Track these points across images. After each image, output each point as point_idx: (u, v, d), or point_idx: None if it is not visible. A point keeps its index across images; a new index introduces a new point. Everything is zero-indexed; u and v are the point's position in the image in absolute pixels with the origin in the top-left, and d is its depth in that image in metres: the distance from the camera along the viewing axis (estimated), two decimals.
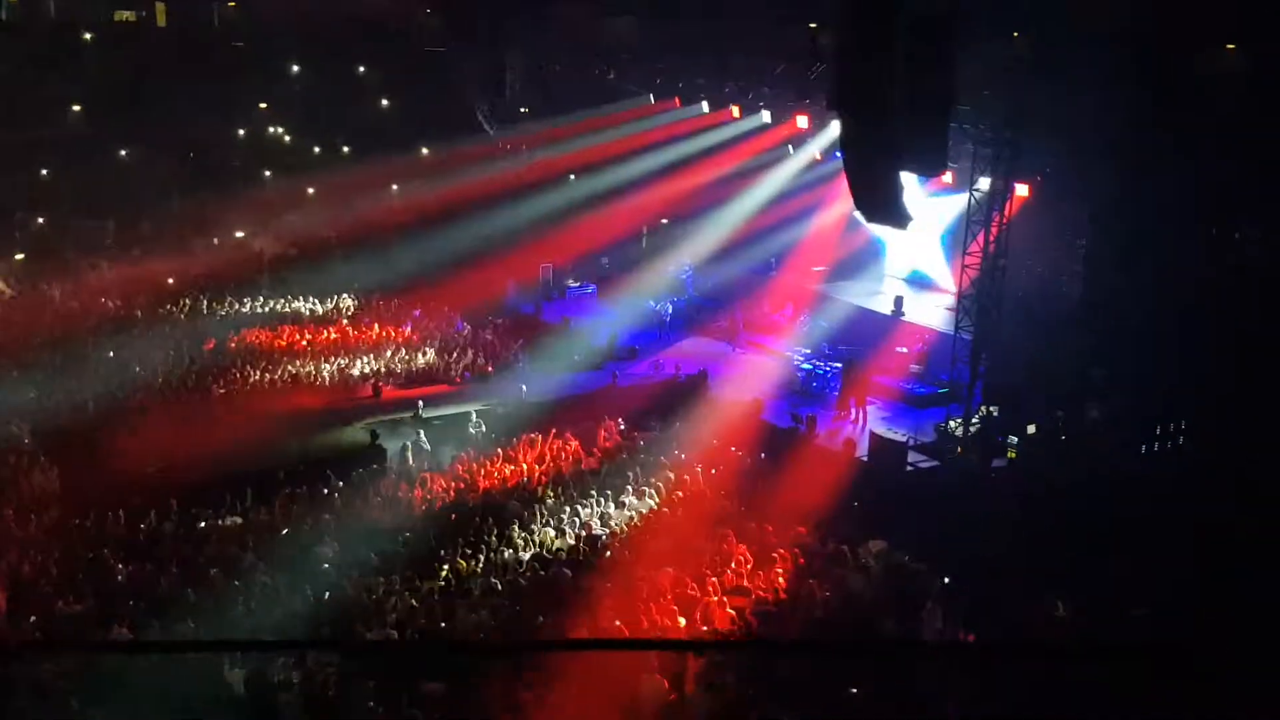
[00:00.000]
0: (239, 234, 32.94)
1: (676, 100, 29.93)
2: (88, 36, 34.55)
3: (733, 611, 15.22)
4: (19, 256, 30.65)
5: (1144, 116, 18.71)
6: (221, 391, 23.18)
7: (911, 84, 17.57)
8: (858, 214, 20.61)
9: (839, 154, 24.30)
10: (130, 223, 32.27)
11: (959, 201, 22.88)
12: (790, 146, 28.45)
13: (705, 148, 29.56)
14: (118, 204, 32.46)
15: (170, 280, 29.97)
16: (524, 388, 23.52)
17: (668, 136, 30.27)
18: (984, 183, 20.82)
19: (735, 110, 28.48)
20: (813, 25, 27.06)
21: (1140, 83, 18.49)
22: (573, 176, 31.97)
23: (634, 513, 18.30)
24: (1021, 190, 21.25)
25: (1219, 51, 19.91)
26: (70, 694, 12.29)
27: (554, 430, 21.22)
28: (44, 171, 32.51)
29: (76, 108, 33.26)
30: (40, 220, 32.00)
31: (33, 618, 14.71)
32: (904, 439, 20.97)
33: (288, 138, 35.60)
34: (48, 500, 18.34)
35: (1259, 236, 19.07)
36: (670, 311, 28.78)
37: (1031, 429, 20.68)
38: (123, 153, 33.30)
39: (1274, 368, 18.21)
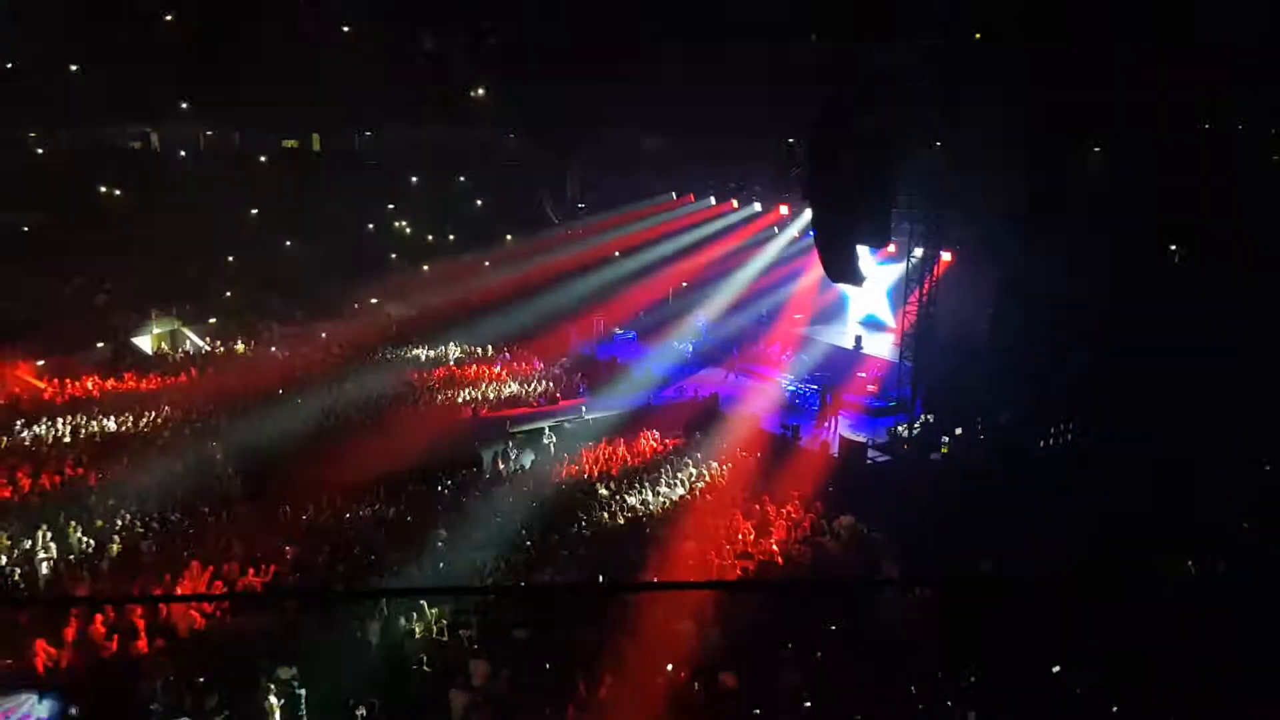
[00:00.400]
0: (373, 301, 33.50)
1: (691, 196, 30.33)
2: (262, 159, 35.35)
3: (740, 571, 15.34)
4: (212, 321, 31.20)
5: (1034, 199, 18.86)
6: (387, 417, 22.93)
7: (861, 182, 18.00)
8: (826, 276, 20.91)
9: (811, 233, 24.83)
10: (293, 295, 32.81)
11: (899, 266, 23.08)
12: (776, 228, 28.73)
13: (714, 231, 29.92)
14: (284, 281, 32.99)
15: (323, 334, 30.61)
16: (584, 409, 23.81)
17: (687, 224, 30.64)
18: (918, 251, 21.05)
19: (734, 202, 28.85)
20: (790, 140, 27.39)
21: (1030, 175, 18.65)
22: (617, 254, 32.26)
23: (667, 499, 18.39)
24: (946, 256, 21.44)
25: (1088, 151, 20.01)
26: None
27: (606, 440, 21.43)
28: (230, 258, 33.09)
29: (254, 211, 33.98)
30: (228, 294, 32.49)
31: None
32: (865, 441, 21.06)
33: (409, 230, 36.19)
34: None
35: (1111, 289, 19.10)
36: (691, 351, 29.00)
37: (958, 431, 20.77)
38: (288, 244, 33.95)
39: (1131, 381, 18.22)
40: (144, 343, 29.47)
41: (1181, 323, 17.68)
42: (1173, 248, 19.38)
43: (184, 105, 33.41)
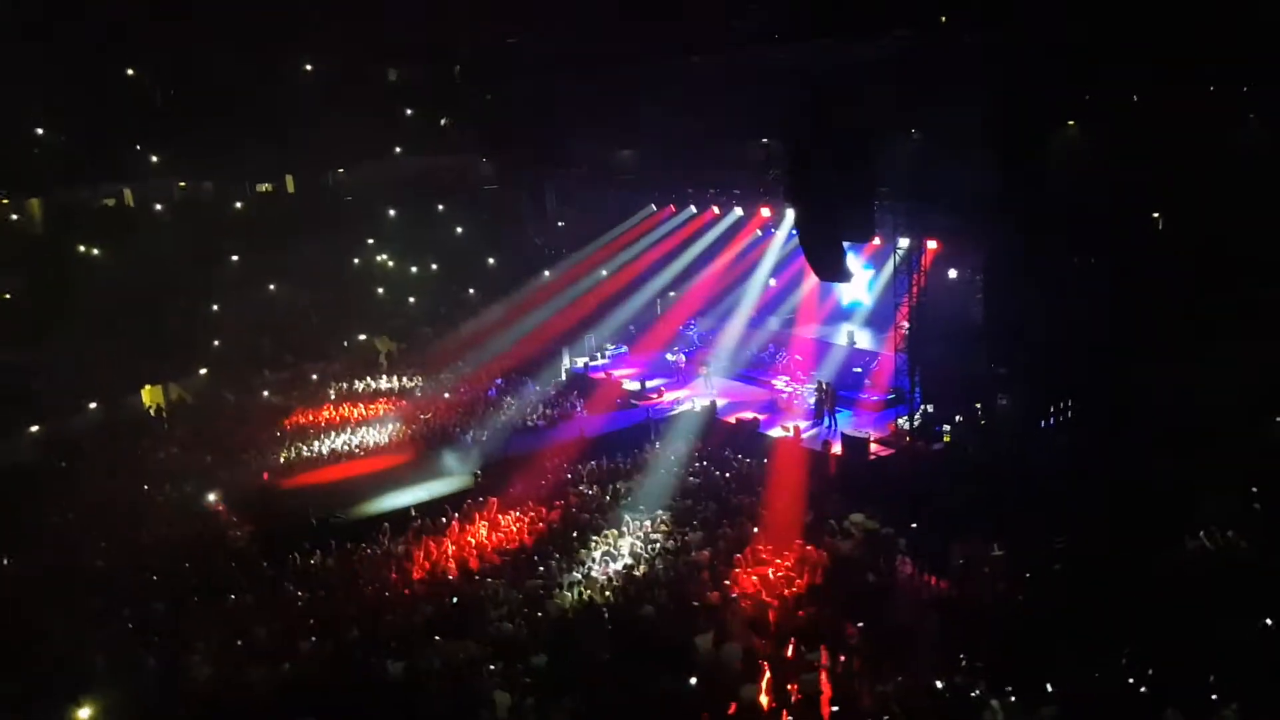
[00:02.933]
0: (361, 337, 33.34)
1: (671, 208, 30.28)
2: (238, 205, 35.19)
3: (755, 579, 15.26)
4: (203, 371, 30.92)
5: (1012, 183, 18.94)
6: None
7: (842, 178, 18.06)
8: (814, 274, 20.85)
9: (794, 234, 24.82)
10: (280, 337, 32.60)
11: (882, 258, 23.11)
12: (760, 230, 28.63)
13: (698, 238, 29.90)
14: (269, 324, 32.79)
15: (315, 377, 30.49)
16: (583, 431, 23.63)
17: (670, 234, 30.59)
18: (904, 242, 21.03)
19: (715, 209, 28.80)
20: (765, 140, 27.43)
21: (1005, 158, 18.73)
22: (604, 272, 32.21)
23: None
24: (932, 244, 21.45)
25: (1065, 129, 20.06)
26: None
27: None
28: (215, 306, 32.85)
29: (235, 257, 33.80)
30: (215, 342, 32.19)
31: None
32: (866, 436, 21.02)
33: (390, 263, 36.04)
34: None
35: (1105, 268, 19.15)
36: (684, 360, 28.90)
37: (959, 419, 20.77)
38: (270, 286, 33.76)
39: (1125, 363, 18.27)
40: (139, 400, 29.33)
41: (1170, 295, 17.73)
42: (1155, 215, 19.43)
43: (154, 159, 33.28)
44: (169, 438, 26.09)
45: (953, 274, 22.26)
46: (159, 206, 33.94)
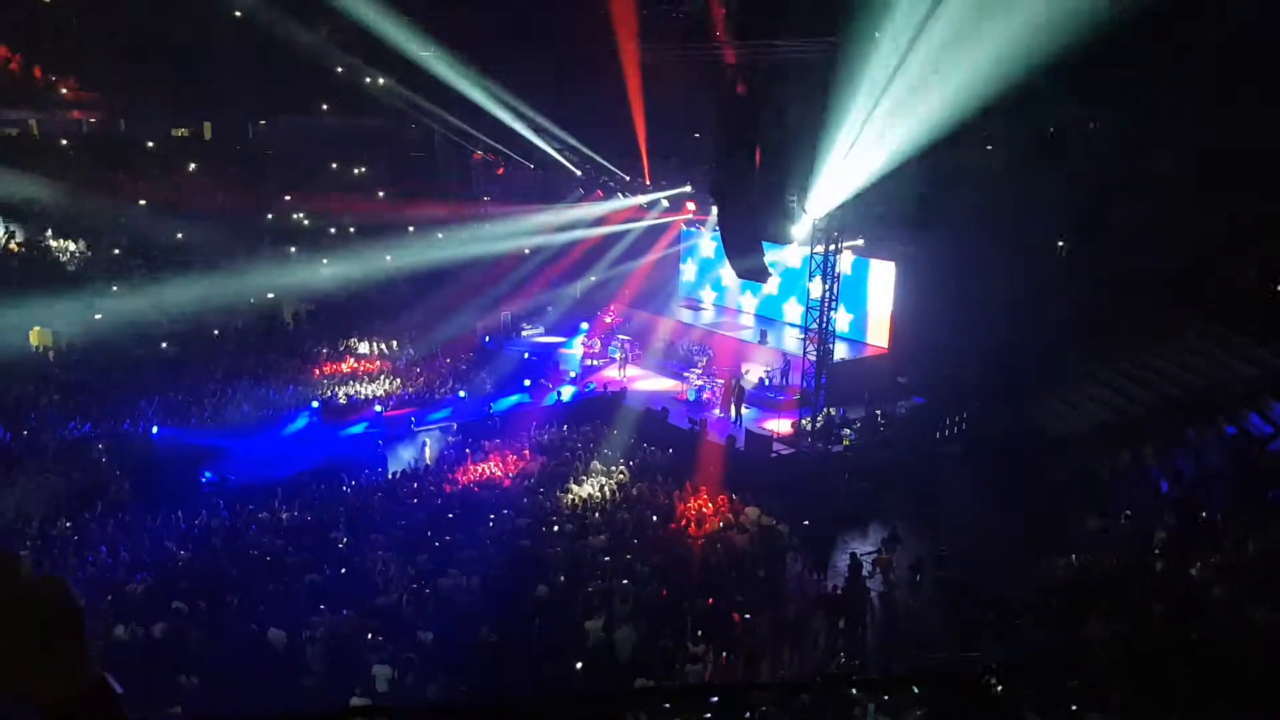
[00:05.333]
0: (269, 295, 32.02)
1: (599, 193, 30.02)
2: (150, 145, 33.47)
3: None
4: (98, 316, 29.28)
5: (926, 195, 19.30)
6: None
7: (766, 182, 18.07)
8: (732, 271, 20.89)
9: (717, 231, 24.88)
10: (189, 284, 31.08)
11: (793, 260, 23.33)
12: (684, 225, 28.62)
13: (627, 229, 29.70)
14: (178, 270, 31.25)
15: (216, 332, 29.13)
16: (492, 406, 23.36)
17: (594, 220, 30.32)
18: (819, 248, 21.21)
19: (642, 200, 28.67)
20: (695, 134, 27.35)
21: (920, 172, 19.08)
22: (527, 250, 31.70)
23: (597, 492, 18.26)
24: (847, 252, 21.71)
25: (978, 149, 20.60)
26: None
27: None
28: (115, 250, 31.15)
29: (142, 202, 32.07)
30: (115, 287, 30.50)
31: None
32: (770, 434, 21.20)
33: (306, 221, 34.74)
34: None
35: (1010, 287, 19.78)
36: (598, 346, 28.71)
37: (857, 424, 21.10)
38: (179, 235, 32.16)
39: (1019, 371, 18.84)
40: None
41: (1070, 311, 18.31)
42: (1060, 243, 20.07)
43: (64, 91, 31.37)
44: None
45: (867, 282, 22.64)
46: (64, 140, 32.01)
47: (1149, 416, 17.47)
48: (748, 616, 13.12)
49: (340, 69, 33.16)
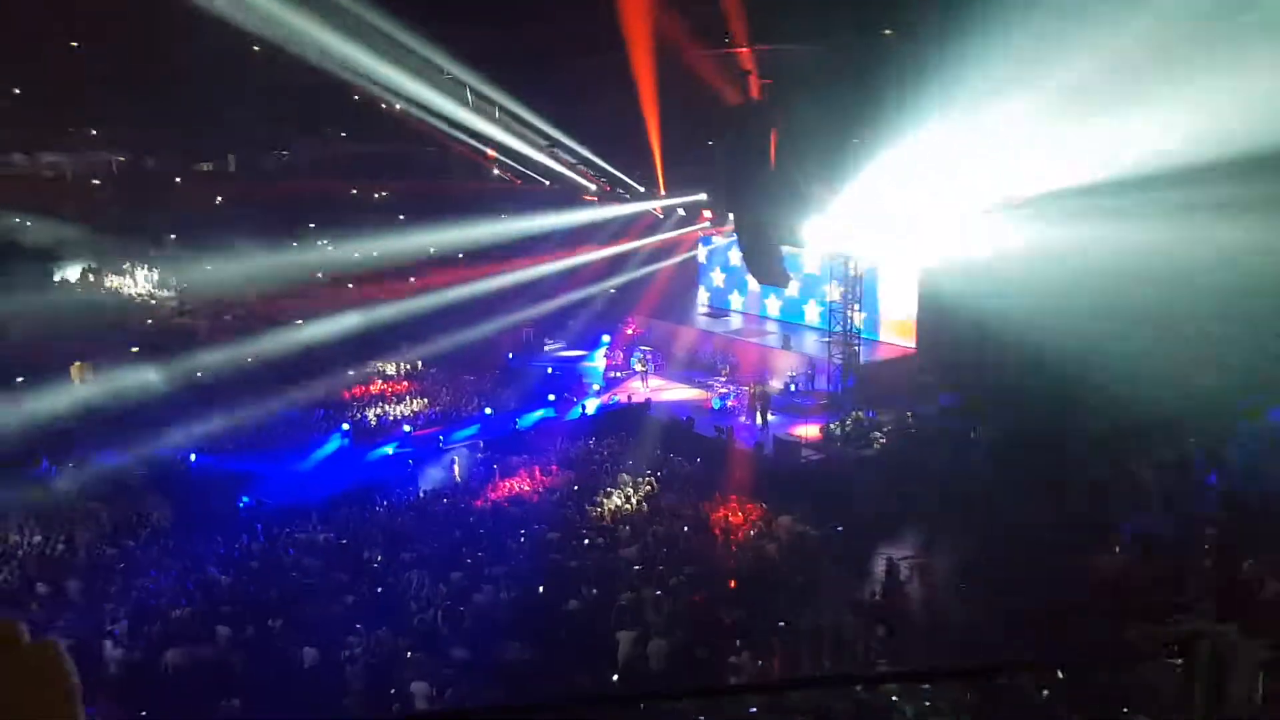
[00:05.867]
0: (299, 323, 32.28)
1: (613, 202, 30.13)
2: (177, 180, 34.04)
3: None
4: (135, 349, 29.65)
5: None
6: None
7: (784, 186, 17.98)
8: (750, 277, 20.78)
9: (735, 236, 24.82)
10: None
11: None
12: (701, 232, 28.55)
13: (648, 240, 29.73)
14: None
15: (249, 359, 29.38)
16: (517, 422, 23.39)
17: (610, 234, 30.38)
18: (845, 248, 21.06)
19: (658, 208, 28.74)
20: (709, 141, 27.30)
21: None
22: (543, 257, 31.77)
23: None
24: (867, 251, 21.57)
25: None
26: None
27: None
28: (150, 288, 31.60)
29: (173, 236, 32.39)
30: (149, 320, 30.88)
31: None
32: (799, 440, 21.02)
33: (331, 248, 35.00)
34: None
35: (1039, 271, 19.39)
36: (620, 358, 28.71)
37: (889, 426, 20.91)
38: (207, 267, 32.58)
39: (1049, 380, 18.53)
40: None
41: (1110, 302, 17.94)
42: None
43: (93, 132, 32.07)
44: None
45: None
46: (96, 180, 32.66)
47: (1195, 407, 17.04)
48: (783, 625, 13.01)
49: (357, 96, 33.56)
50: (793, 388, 24.35)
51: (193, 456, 21.22)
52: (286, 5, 24.33)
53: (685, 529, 16.69)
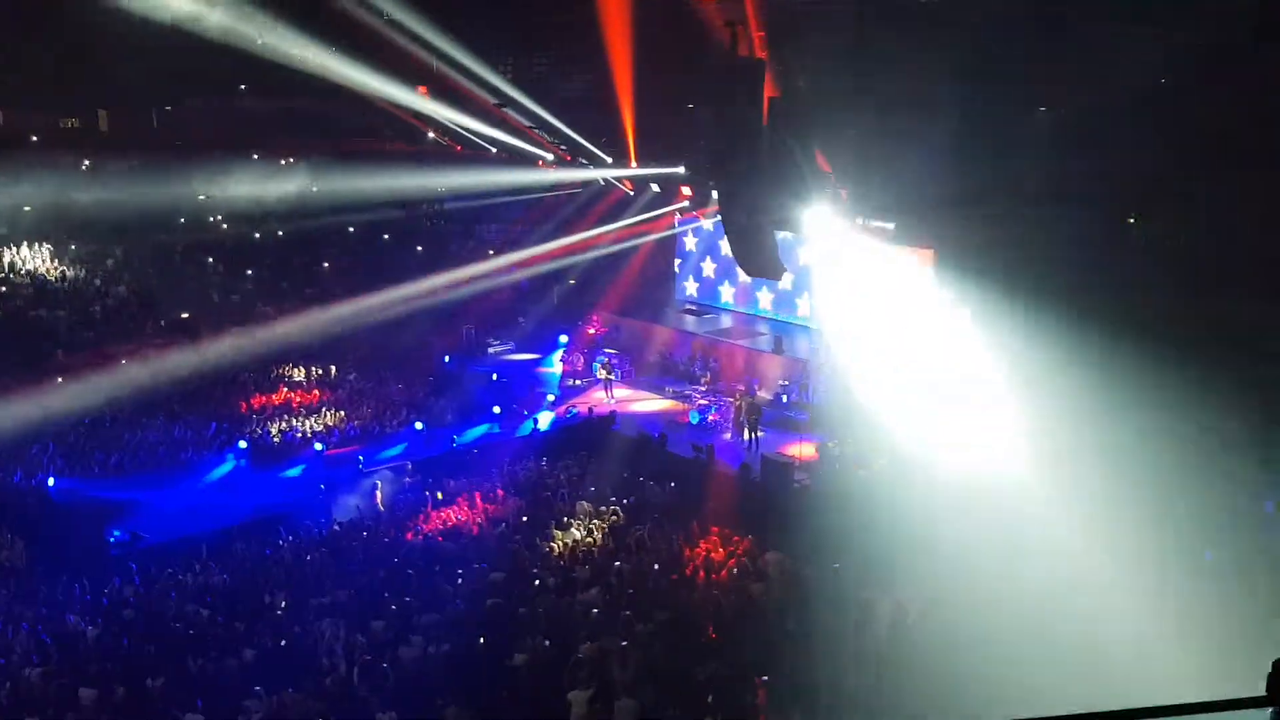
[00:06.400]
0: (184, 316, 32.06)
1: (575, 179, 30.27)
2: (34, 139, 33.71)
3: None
4: None
5: (965, 169, 19.43)
6: None
7: (777, 160, 18.15)
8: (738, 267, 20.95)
9: (719, 220, 25.01)
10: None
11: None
12: (678, 214, 28.83)
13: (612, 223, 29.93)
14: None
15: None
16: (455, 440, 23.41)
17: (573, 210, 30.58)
18: (841, 234, 21.25)
19: (627, 185, 28.89)
20: (690, 106, 27.52)
21: (958, 146, 19.22)
22: (490, 252, 31.89)
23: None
24: (874, 239, 21.83)
25: (1033, 114, 20.76)
26: None
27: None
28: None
29: (27, 209, 32.13)
30: None
31: None
32: (790, 459, 21.23)
33: (225, 225, 34.79)
34: None
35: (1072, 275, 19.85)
36: (581, 363, 28.81)
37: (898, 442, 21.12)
38: (73, 246, 32.26)
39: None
40: None
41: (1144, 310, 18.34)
42: (1130, 220, 20.15)
43: None
44: None
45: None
46: None
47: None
48: (766, 679, 13.16)
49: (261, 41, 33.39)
50: (785, 398, 24.59)
51: (51, 481, 20.90)
52: None
53: (656, 567, 16.80)
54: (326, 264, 34.58)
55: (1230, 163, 18.43)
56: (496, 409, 25.27)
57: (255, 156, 35.55)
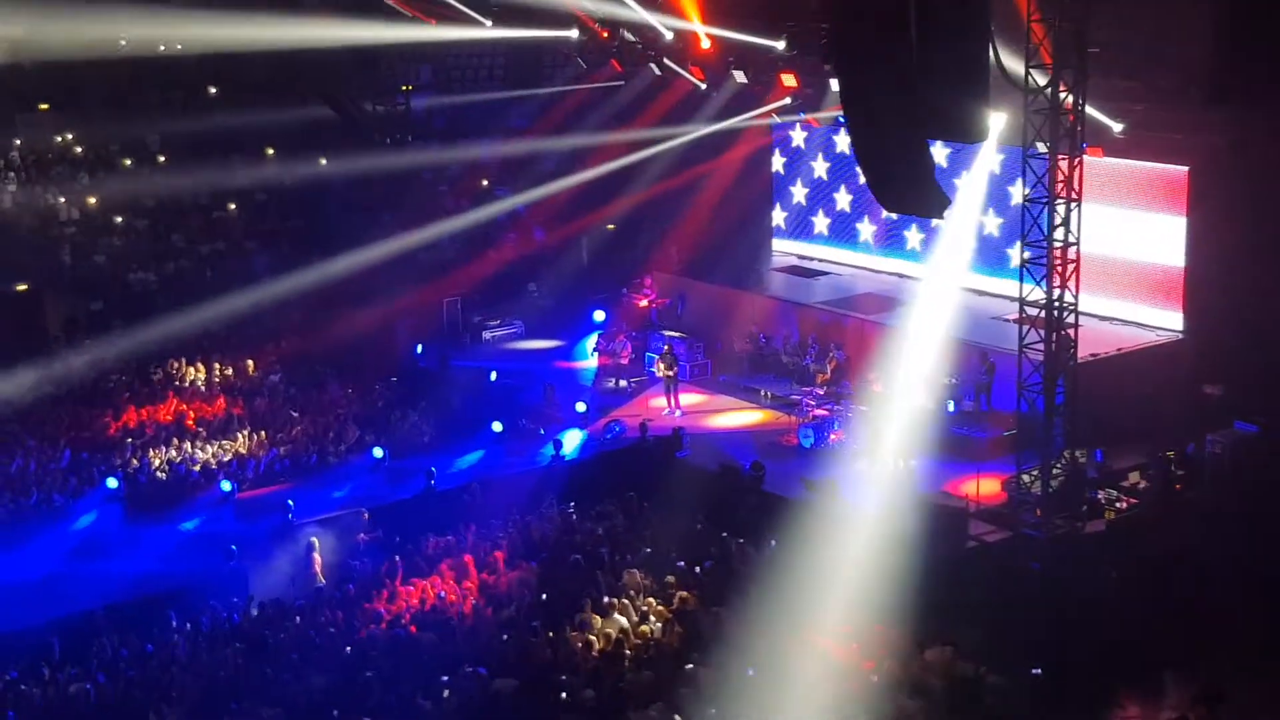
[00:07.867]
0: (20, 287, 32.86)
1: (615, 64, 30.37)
2: None
3: None
4: None
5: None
6: None
7: (937, 31, 18.01)
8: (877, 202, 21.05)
9: (841, 123, 24.89)
10: None
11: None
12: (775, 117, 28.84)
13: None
14: None
15: None
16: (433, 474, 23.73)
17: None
18: (1040, 146, 21.11)
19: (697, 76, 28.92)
20: None
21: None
22: (485, 182, 32.16)
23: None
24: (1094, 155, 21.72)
25: None
26: None
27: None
28: None
29: None
30: None
31: None
32: (963, 501, 21.20)
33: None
34: None
35: None
36: (626, 353, 28.86)
37: (1134, 478, 20.97)
38: None
39: None
40: None
41: None
42: None
43: None
44: None
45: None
46: None
47: None
48: None
49: None
50: (952, 406, 24.47)
51: None
52: None
53: (751, 673, 16.82)
54: (233, 206, 35.03)
55: None
56: (497, 426, 25.44)
57: None
